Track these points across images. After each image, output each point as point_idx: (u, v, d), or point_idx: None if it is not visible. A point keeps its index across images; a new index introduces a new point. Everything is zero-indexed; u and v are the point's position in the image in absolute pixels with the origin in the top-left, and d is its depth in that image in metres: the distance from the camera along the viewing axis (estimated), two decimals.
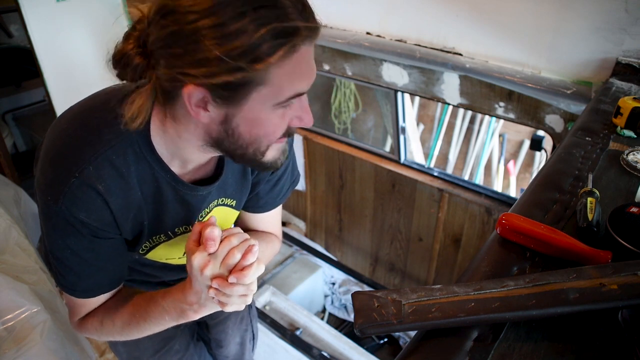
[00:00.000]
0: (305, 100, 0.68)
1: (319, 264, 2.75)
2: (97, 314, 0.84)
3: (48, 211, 0.72)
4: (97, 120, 0.72)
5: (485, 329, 0.53)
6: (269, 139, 0.68)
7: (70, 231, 0.73)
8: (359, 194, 2.60)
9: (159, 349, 1.18)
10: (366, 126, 3.51)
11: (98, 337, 0.88)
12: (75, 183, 0.69)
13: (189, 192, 0.81)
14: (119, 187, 0.73)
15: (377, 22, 1.78)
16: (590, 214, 0.68)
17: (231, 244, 0.69)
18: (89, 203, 0.71)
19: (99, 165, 0.70)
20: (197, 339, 1.33)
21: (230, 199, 0.92)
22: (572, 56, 1.40)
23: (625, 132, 0.98)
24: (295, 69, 0.62)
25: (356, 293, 0.58)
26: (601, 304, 0.51)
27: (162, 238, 0.86)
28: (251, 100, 0.63)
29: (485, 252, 0.66)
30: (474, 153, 3.61)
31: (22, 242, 1.70)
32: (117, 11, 2.83)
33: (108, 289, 0.83)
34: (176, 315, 0.78)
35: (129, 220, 0.78)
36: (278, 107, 0.65)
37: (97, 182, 0.70)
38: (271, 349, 2.12)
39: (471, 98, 1.72)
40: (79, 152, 0.70)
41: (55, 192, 0.70)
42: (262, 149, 0.70)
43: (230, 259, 0.68)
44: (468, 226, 2.18)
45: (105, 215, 0.73)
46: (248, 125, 0.66)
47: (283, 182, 0.99)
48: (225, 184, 0.88)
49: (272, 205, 1.01)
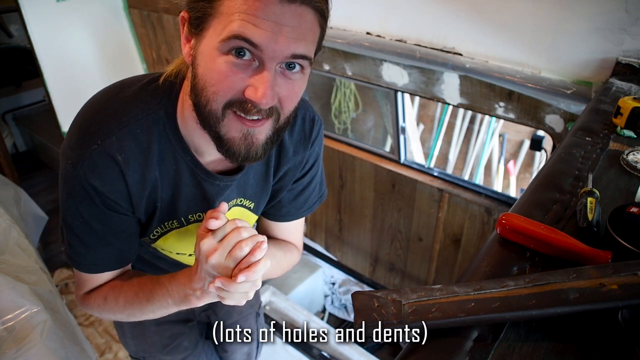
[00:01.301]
0: (268, 74, 0.62)
1: (319, 264, 2.75)
2: (102, 290, 0.85)
3: (66, 175, 0.73)
4: (129, 95, 0.75)
5: (485, 329, 0.53)
6: (216, 87, 0.64)
7: (85, 198, 0.74)
8: (359, 194, 2.60)
9: (168, 344, 1.19)
10: (366, 126, 3.51)
11: (100, 313, 0.88)
12: (97, 150, 0.71)
13: (206, 179, 0.80)
14: (138, 163, 0.74)
15: (377, 22, 1.78)
16: (590, 214, 0.68)
17: (240, 235, 0.68)
18: (106, 172, 0.72)
19: (122, 137, 0.72)
20: (205, 338, 1.33)
21: (249, 201, 0.91)
22: (572, 56, 1.40)
23: (625, 132, 0.98)
24: (250, 11, 0.59)
25: (356, 293, 0.57)
26: (601, 304, 0.51)
27: (174, 224, 0.86)
28: (207, 34, 0.64)
29: (485, 252, 0.66)
30: (474, 153, 3.61)
31: (22, 242, 1.70)
32: (117, 11, 2.83)
33: (113, 268, 0.83)
34: (179, 299, 0.77)
35: (143, 199, 0.78)
36: (225, 47, 0.61)
37: (118, 153, 0.72)
38: (271, 349, 2.12)
39: (471, 98, 1.72)
40: (105, 121, 0.72)
41: (75, 156, 0.71)
42: (213, 104, 0.65)
43: (238, 252, 0.67)
44: (468, 226, 2.18)
45: (120, 187, 0.74)
46: (203, 63, 0.65)
47: (308, 194, 0.97)
48: (246, 184, 0.88)
49: (294, 215, 0.99)
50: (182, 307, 0.79)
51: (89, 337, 2.34)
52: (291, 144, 0.87)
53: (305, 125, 0.88)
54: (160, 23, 2.72)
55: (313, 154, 0.92)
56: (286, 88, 0.66)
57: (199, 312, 1.24)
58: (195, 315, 1.24)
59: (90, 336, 2.37)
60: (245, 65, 0.62)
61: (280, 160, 0.88)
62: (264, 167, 0.88)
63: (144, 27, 2.86)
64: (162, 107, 0.75)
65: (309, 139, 0.89)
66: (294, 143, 0.88)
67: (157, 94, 0.75)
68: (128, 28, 2.89)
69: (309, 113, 0.89)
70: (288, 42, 0.61)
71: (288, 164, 0.89)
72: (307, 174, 0.94)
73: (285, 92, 0.66)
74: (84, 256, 0.80)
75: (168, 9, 2.57)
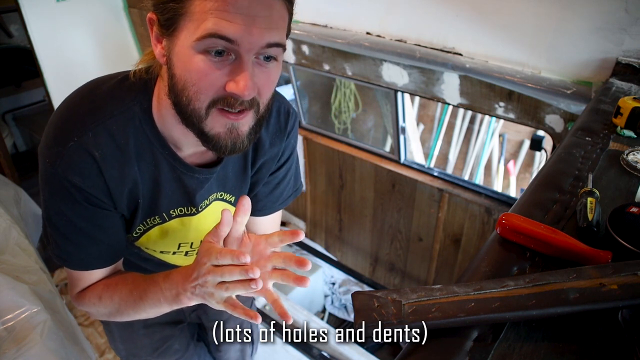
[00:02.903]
0: (246, 66, 0.63)
1: (319, 264, 2.75)
2: (97, 289, 0.84)
3: (45, 175, 0.74)
4: (103, 92, 0.75)
5: (485, 329, 0.53)
6: (197, 86, 0.64)
7: (66, 196, 0.74)
8: (359, 194, 2.60)
9: (158, 347, 1.18)
10: (366, 126, 3.51)
11: (96, 312, 0.87)
12: (73, 147, 0.71)
13: (185, 172, 0.81)
14: (116, 159, 0.74)
15: (377, 22, 1.78)
16: (590, 214, 0.68)
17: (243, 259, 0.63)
18: (84, 168, 0.72)
19: (98, 133, 0.72)
20: (197, 340, 1.32)
21: (229, 195, 0.92)
22: (572, 56, 1.40)
23: (625, 132, 0.98)
24: (221, 7, 0.60)
25: (356, 293, 0.57)
26: (601, 304, 0.51)
27: (156, 220, 0.86)
28: (181, 34, 0.64)
29: (485, 252, 0.66)
30: (474, 153, 3.61)
31: (22, 242, 1.69)
32: (117, 11, 2.83)
33: (102, 264, 0.83)
34: (171, 298, 0.76)
35: (124, 195, 0.78)
36: (200, 46, 0.62)
37: (94, 149, 0.72)
38: (271, 349, 2.12)
39: (471, 98, 1.72)
40: (81, 119, 0.72)
41: (53, 155, 0.72)
42: (196, 103, 0.66)
43: (228, 273, 0.65)
44: (468, 226, 2.18)
45: (98, 182, 0.74)
46: (179, 64, 0.65)
47: (283, 188, 0.98)
48: (226, 178, 0.88)
49: (270, 209, 1.00)
50: (174, 306, 0.79)
51: (89, 337, 2.34)
52: (267, 137, 0.89)
53: (280, 118, 0.90)
54: None
55: (289, 146, 0.94)
56: (263, 77, 0.67)
57: (189, 313, 1.23)
58: (186, 317, 1.24)
59: (90, 336, 2.36)
60: (222, 61, 0.64)
61: (257, 153, 0.89)
62: (242, 160, 0.89)
63: (144, 27, 2.86)
64: (137, 102, 0.75)
65: (285, 131, 0.91)
66: (270, 135, 0.89)
67: (132, 90, 0.75)
68: (128, 28, 2.89)
69: (283, 106, 0.90)
70: (262, 32, 0.62)
71: (265, 156, 0.90)
72: (282, 166, 0.95)
73: (262, 81, 0.67)
74: (72, 254, 0.80)
75: None
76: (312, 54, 2.08)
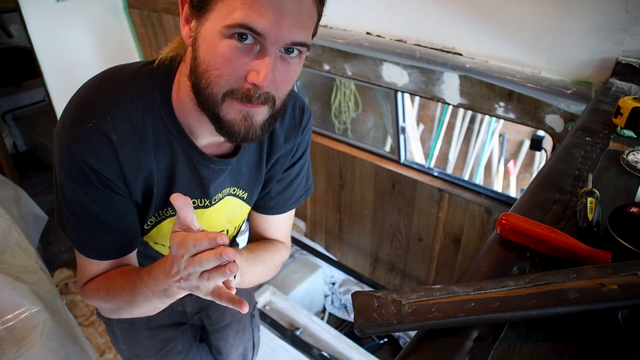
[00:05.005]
0: (270, 59, 0.64)
1: (319, 264, 2.75)
2: (97, 281, 0.84)
3: (61, 156, 0.73)
4: (124, 77, 0.75)
5: (485, 329, 0.53)
6: (219, 70, 0.65)
7: (81, 178, 0.73)
8: (359, 194, 2.60)
9: (161, 349, 1.18)
10: (366, 126, 3.51)
11: (97, 304, 0.87)
12: (91, 129, 0.71)
13: (201, 162, 0.81)
14: (133, 144, 0.74)
15: (377, 22, 1.78)
16: (590, 214, 0.68)
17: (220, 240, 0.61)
18: (100, 150, 0.72)
19: (117, 117, 0.72)
20: (200, 341, 1.32)
21: (242, 190, 0.92)
22: (572, 56, 1.40)
23: (625, 132, 0.98)
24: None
25: (356, 293, 0.57)
26: (601, 304, 0.51)
27: (169, 212, 0.86)
28: (211, 17, 0.64)
29: (485, 252, 0.66)
30: (474, 153, 3.61)
31: (22, 242, 1.69)
32: (117, 11, 2.83)
33: (116, 254, 0.83)
34: (160, 293, 0.74)
35: (139, 182, 0.78)
36: (228, 32, 0.63)
37: (112, 132, 0.72)
38: (271, 349, 2.12)
39: (471, 98, 1.72)
40: (100, 102, 0.73)
41: (70, 136, 0.71)
42: (214, 88, 0.66)
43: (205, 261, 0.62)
44: (468, 226, 2.18)
45: (114, 166, 0.74)
46: (205, 46, 0.66)
47: (296, 186, 0.98)
48: (239, 172, 0.88)
49: (282, 208, 0.99)
50: (166, 301, 0.76)
51: (89, 337, 2.34)
52: (282, 132, 0.89)
53: (295, 114, 0.90)
54: (160, 23, 2.72)
55: (303, 143, 0.94)
56: (283, 72, 0.67)
57: (191, 315, 1.23)
58: (188, 319, 1.23)
59: (90, 336, 2.36)
60: (247, 49, 0.64)
61: (272, 148, 0.89)
62: (257, 155, 0.88)
63: (144, 27, 2.86)
64: (157, 89, 0.75)
65: (299, 127, 0.91)
66: (285, 131, 0.89)
67: (152, 77, 0.76)
68: (128, 28, 2.89)
69: (298, 102, 0.91)
70: (290, 29, 0.63)
71: (279, 151, 0.90)
72: (296, 163, 0.95)
73: (282, 76, 0.67)
74: (87, 241, 0.80)
75: (168, 9, 2.57)
76: (312, 54, 2.08)
